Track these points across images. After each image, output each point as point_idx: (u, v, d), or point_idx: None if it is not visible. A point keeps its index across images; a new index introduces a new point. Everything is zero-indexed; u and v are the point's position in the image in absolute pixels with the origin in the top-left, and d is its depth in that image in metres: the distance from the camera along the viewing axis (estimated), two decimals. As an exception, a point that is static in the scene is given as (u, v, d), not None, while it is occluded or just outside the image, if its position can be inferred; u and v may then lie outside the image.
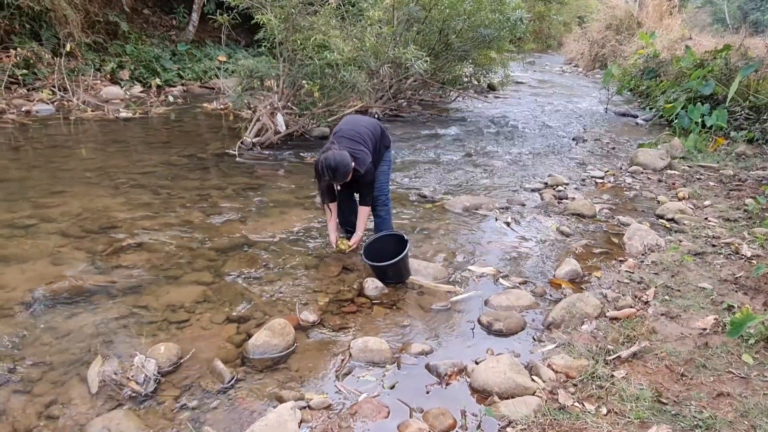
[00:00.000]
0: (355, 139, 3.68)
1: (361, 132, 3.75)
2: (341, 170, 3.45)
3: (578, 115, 11.36)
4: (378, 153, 3.88)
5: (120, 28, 12.01)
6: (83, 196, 4.92)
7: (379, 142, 3.87)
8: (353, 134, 3.72)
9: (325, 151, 3.53)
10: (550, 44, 33.27)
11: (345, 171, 3.47)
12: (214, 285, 3.44)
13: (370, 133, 3.80)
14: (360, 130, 3.76)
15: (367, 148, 3.69)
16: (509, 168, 6.74)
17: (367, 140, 3.73)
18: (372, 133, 3.82)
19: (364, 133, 3.76)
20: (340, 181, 3.53)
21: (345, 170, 3.47)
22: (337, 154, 3.46)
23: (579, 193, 5.75)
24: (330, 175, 3.44)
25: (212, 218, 4.55)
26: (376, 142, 3.83)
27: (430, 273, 3.60)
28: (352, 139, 3.67)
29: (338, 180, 3.51)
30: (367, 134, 3.76)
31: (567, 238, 4.42)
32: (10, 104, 8.46)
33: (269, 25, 6.61)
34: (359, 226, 3.88)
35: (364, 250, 3.53)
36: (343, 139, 3.70)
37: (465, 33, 9.60)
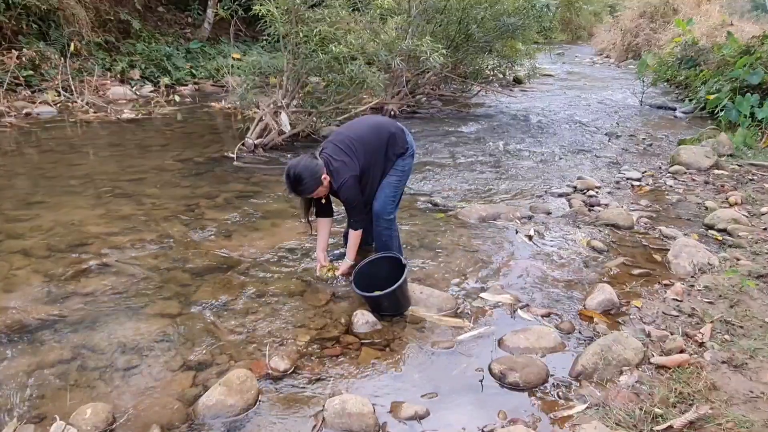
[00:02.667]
0: (341, 147, 3.11)
1: (357, 138, 3.16)
2: (305, 182, 2.94)
3: (610, 108, 10.57)
4: (384, 162, 3.25)
5: (132, 27, 11.71)
6: (60, 208, 4.49)
7: (385, 149, 3.23)
8: (343, 139, 3.15)
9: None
10: (579, 35, 32.16)
11: (309, 183, 2.96)
12: (180, 318, 2.93)
13: (371, 141, 3.19)
14: (355, 137, 3.17)
15: (354, 158, 3.08)
16: (534, 169, 6.09)
17: (358, 149, 3.11)
18: (375, 139, 3.21)
19: (360, 139, 3.16)
20: (304, 194, 3.04)
21: (309, 182, 2.95)
22: (303, 162, 2.95)
23: (613, 198, 5.08)
24: (290, 188, 2.97)
25: (195, 233, 4.05)
26: (378, 150, 3.20)
27: (435, 303, 3.02)
28: (337, 146, 3.12)
29: (301, 194, 3.02)
30: (362, 141, 3.15)
31: (600, 255, 3.78)
32: (11, 107, 8.15)
33: (270, 17, 6.10)
34: (348, 252, 3.32)
35: (354, 277, 2.97)
36: (329, 145, 3.16)
37: (487, 22, 8.93)
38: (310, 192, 3.00)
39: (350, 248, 3.30)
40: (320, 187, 3.00)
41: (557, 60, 19.42)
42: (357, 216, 3.22)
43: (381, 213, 3.30)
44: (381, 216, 3.31)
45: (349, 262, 3.28)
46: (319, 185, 2.98)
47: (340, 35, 6.29)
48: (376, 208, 3.28)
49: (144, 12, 12.76)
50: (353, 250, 3.30)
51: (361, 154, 3.13)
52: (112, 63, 10.79)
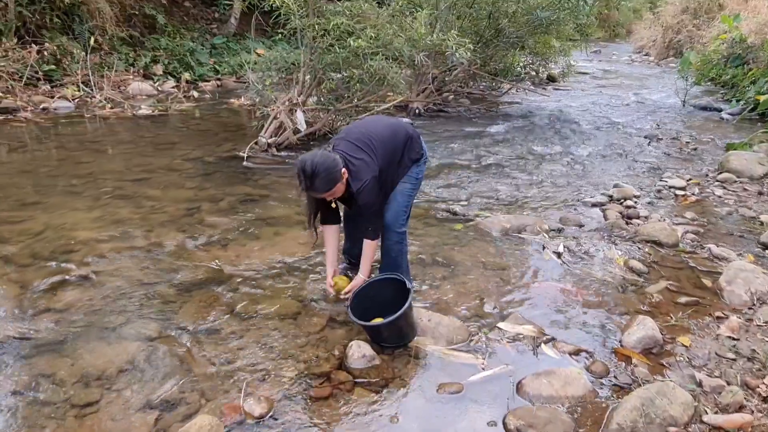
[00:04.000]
0: (358, 144, 2.70)
1: (375, 136, 2.76)
2: (322, 176, 2.49)
3: (650, 109, 9.94)
4: (397, 167, 2.85)
5: (157, 22, 11.57)
6: (55, 210, 4.24)
7: (402, 152, 2.85)
8: (359, 137, 2.74)
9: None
10: (617, 32, 31.17)
11: (327, 179, 2.51)
12: (156, 342, 2.60)
13: (388, 140, 2.80)
14: (374, 134, 2.77)
15: (373, 157, 2.67)
16: (565, 175, 5.60)
17: (377, 148, 2.71)
18: (393, 140, 2.82)
19: (379, 138, 2.77)
20: (320, 192, 2.56)
21: (327, 178, 2.51)
22: (319, 156, 2.52)
23: (653, 209, 4.57)
24: (306, 183, 2.50)
25: (190, 241, 3.73)
26: (395, 152, 2.82)
27: (444, 333, 2.61)
28: (353, 143, 2.70)
29: (317, 191, 2.55)
30: (381, 140, 2.76)
31: (639, 277, 3.31)
32: (29, 101, 8.04)
33: (285, 9, 5.76)
34: (363, 266, 2.84)
35: (351, 302, 2.59)
36: (342, 142, 2.74)
37: (519, 17, 8.43)
38: (327, 189, 2.55)
39: (365, 261, 2.83)
40: (338, 185, 2.57)
41: (593, 58, 18.68)
42: (375, 222, 2.80)
43: (393, 225, 2.90)
44: (392, 228, 2.91)
45: (362, 278, 2.82)
46: (338, 182, 2.55)
47: (359, 29, 5.92)
48: (388, 220, 2.88)
49: (170, 7, 12.63)
50: (368, 264, 2.84)
51: (380, 155, 2.72)
52: (136, 58, 10.66)
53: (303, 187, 2.53)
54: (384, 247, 2.99)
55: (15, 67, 8.39)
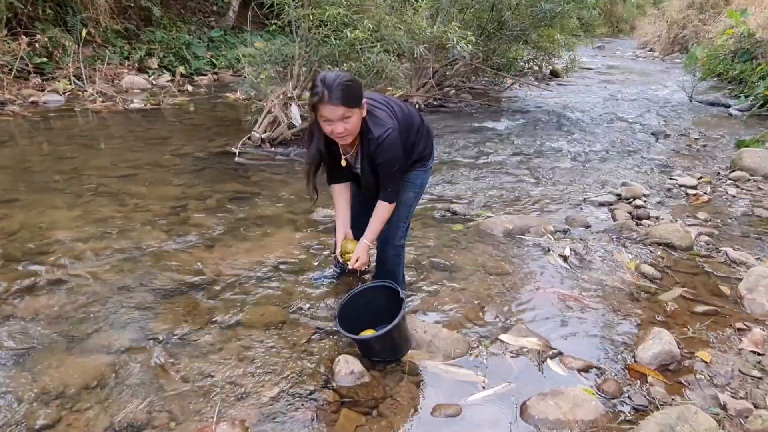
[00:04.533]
0: (378, 101, 2.40)
1: (393, 103, 2.47)
2: (345, 84, 2.10)
3: (656, 104, 9.69)
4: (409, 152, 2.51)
5: (153, 14, 11.33)
6: (34, 207, 4.02)
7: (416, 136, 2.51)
8: (377, 97, 2.44)
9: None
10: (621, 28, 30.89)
11: (350, 90, 2.11)
12: (127, 354, 2.38)
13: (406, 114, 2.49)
14: (392, 101, 2.48)
15: (394, 118, 2.35)
16: (571, 172, 5.37)
17: (397, 113, 2.41)
18: (408, 116, 2.49)
19: (398, 106, 2.47)
20: (339, 102, 2.08)
21: (350, 89, 2.12)
22: (340, 72, 2.18)
23: (664, 209, 4.34)
24: (324, 90, 2.08)
25: (173, 241, 3.51)
26: (409, 130, 2.48)
27: (441, 346, 2.39)
28: (371, 98, 2.38)
29: (335, 99, 2.08)
30: (400, 109, 2.47)
31: (652, 284, 3.08)
32: (18, 95, 7.81)
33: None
34: (370, 229, 2.47)
35: (339, 311, 2.36)
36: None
37: (522, 9, 8.18)
38: (347, 102, 2.10)
39: (375, 224, 2.45)
40: (357, 112, 2.15)
41: (597, 53, 18.42)
42: (397, 183, 2.43)
43: (391, 238, 2.63)
44: (391, 242, 2.64)
45: (366, 243, 2.47)
46: (359, 105, 2.16)
47: (356, 19, 5.69)
48: (385, 232, 2.56)
49: (167, -1, 12.39)
50: (378, 229, 2.47)
51: (399, 121, 2.38)
52: (131, 51, 10.43)
53: (317, 97, 2.09)
54: (380, 257, 2.75)
55: (4, 60, 8.16)
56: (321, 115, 2.15)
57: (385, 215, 2.46)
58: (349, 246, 2.51)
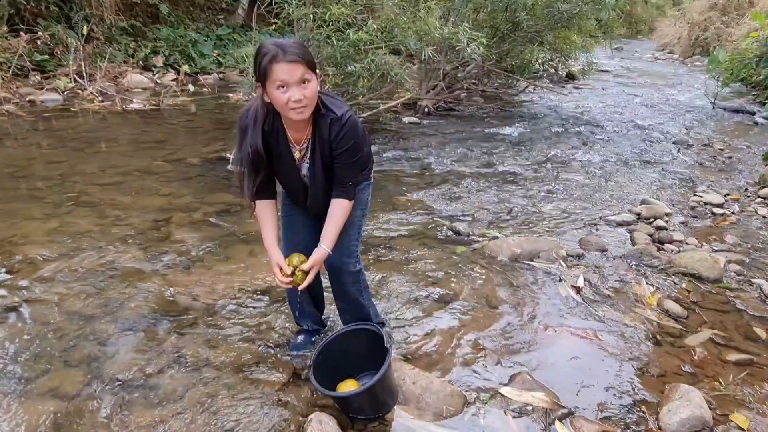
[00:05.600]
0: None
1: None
2: (299, 43, 1.83)
3: (677, 110, 9.27)
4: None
5: (160, 11, 11.11)
6: (9, 218, 3.77)
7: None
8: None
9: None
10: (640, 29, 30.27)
11: (305, 47, 1.83)
12: (74, 402, 2.09)
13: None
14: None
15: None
16: (586, 186, 5.01)
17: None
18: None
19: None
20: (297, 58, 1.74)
21: (305, 47, 1.84)
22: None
23: (688, 231, 3.98)
24: (277, 50, 1.73)
25: (149, 261, 3.23)
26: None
27: (432, 402, 2.07)
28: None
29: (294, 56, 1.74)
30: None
31: (676, 324, 2.73)
32: (16, 93, 7.60)
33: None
34: (328, 233, 2.04)
35: (313, 360, 2.05)
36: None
37: (538, 9, 7.80)
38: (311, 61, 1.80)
39: (333, 227, 2.03)
40: (314, 78, 1.80)
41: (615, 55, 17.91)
42: (356, 177, 2.06)
43: (345, 265, 2.20)
44: (345, 269, 2.21)
45: (325, 250, 2.04)
46: (315, 68, 1.82)
47: (361, 20, 5.39)
48: (337, 261, 2.16)
49: (175, -4, 12.17)
50: (336, 231, 2.04)
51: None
52: (136, 49, 10.21)
53: (270, 56, 1.73)
54: (337, 291, 2.31)
55: (3, 57, 7.95)
56: (274, 80, 1.75)
57: (344, 215, 2.05)
58: (296, 260, 2.04)
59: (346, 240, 2.15)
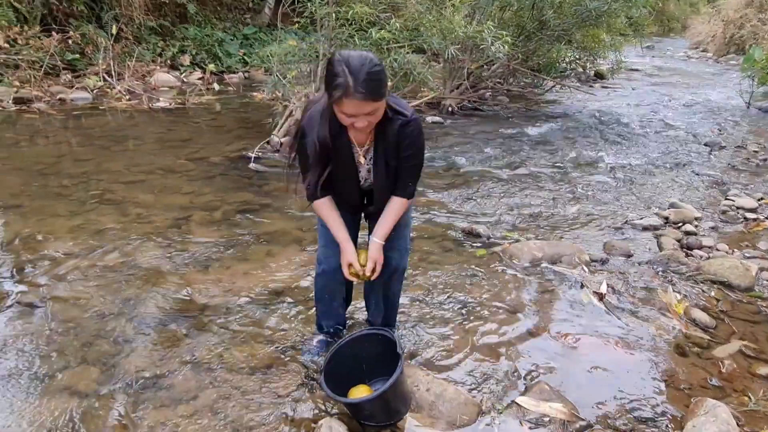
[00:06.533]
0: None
1: None
2: (374, 70, 1.68)
3: (709, 111, 9.00)
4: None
5: (188, 11, 11.26)
6: (35, 215, 3.84)
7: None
8: None
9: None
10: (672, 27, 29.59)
11: (380, 79, 1.70)
12: (89, 400, 2.11)
13: None
14: None
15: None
16: (612, 188, 4.89)
17: None
18: None
19: None
20: (370, 97, 1.67)
21: (380, 77, 1.70)
22: (362, 51, 1.78)
23: (719, 236, 3.84)
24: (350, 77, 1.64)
25: (168, 259, 3.25)
26: None
27: (446, 410, 2.02)
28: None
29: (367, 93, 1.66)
30: None
31: (704, 334, 2.63)
32: (47, 92, 7.77)
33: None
34: (383, 226, 2.04)
35: (325, 365, 2.02)
36: None
37: (565, 7, 7.66)
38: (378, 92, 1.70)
39: (389, 221, 2.04)
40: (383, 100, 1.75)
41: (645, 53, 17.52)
42: (417, 179, 2.06)
43: (400, 264, 2.24)
44: (399, 268, 2.25)
45: (378, 243, 2.06)
46: (385, 94, 1.75)
47: (384, 18, 5.35)
48: (395, 261, 2.18)
49: (203, -4, 12.32)
50: (391, 226, 2.06)
51: None
52: (164, 48, 10.37)
53: (341, 90, 1.65)
54: (382, 287, 2.32)
55: (36, 56, 8.14)
56: (341, 110, 1.72)
57: (400, 213, 2.06)
58: (363, 257, 2.07)
59: (403, 240, 2.20)
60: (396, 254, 2.18)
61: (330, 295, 2.31)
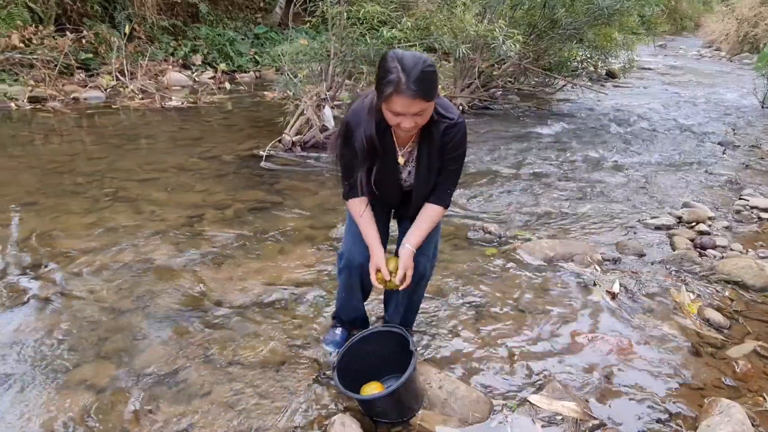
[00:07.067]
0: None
1: None
2: (427, 70, 1.66)
3: (723, 110, 8.92)
4: None
5: (200, 10, 11.33)
6: (49, 212, 3.89)
7: None
8: None
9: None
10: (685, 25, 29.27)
11: (431, 76, 1.67)
12: (106, 394, 2.14)
13: None
14: None
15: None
16: (624, 188, 4.86)
17: None
18: None
19: None
20: (422, 96, 1.65)
21: (432, 75, 1.67)
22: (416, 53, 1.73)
23: (733, 236, 3.81)
24: (403, 74, 1.62)
25: (181, 257, 3.28)
26: None
27: (458, 408, 2.03)
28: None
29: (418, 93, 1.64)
30: None
31: (718, 334, 2.61)
32: (61, 91, 7.86)
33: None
34: (417, 232, 2.00)
35: (338, 362, 2.03)
36: None
37: (577, 5, 7.61)
38: (433, 92, 1.69)
39: (423, 228, 2.00)
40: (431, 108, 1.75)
41: (658, 52, 17.40)
42: (455, 185, 2.05)
43: (427, 270, 2.18)
44: (426, 275, 2.20)
45: (410, 249, 2.00)
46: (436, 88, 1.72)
47: (395, 17, 5.35)
48: (422, 267, 2.11)
49: (214, -5, 12.40)
50: (425, 234, 2.02)
51: None
52: (176, 47, 10.44)
53: (393, 86, 1.63)
54: (411, 299, 2.27)
55: (51, 56, 8.23)
56: (389, 107, 1.70)
57: (435, 222, 2.02)
58: (392, 264, 1.99)
59: (433, 246, 2.15)
60: (424, 259, 2.11)
61: (348, 292, 2.25)
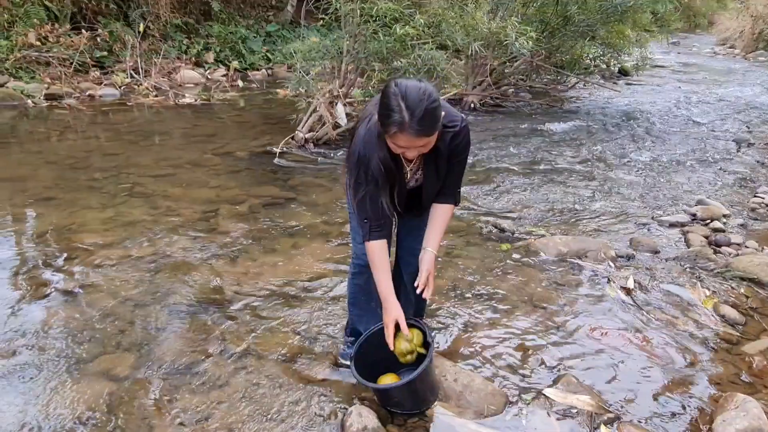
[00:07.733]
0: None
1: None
2: (431, 107, 1.60)
3: (738, 108, 8.84)
4: None
5: (212, 8, 11.40)
6: (67, 207, 3.95)
7: None
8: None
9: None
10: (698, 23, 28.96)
11: (435, 112, 1.62)
12: (126, 384, 2.17)
13: None
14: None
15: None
16: (638, 185, 4.84)
17: None
18: None
19: None
20: (426, 134, 1.63)
21: (435, 111, 1.63)
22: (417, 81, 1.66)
23: (747, 233, 3.79)
24: (407, 114, 1.58)
25: (197, 251, 3.32)
26: None
27: (473, 400, 2.04)
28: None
29: (419, 127, 1.60)
30: None
31: (733, 330, 2.61)
32: (77, 88, 7.95)
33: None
34: (435, 235, 2.00)
35: (355, 352, 2.06)
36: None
37: (590, 2, 7.58)
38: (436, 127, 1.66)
39: (439, 230, 2.01)
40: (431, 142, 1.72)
41: (671, 50, 17.25)
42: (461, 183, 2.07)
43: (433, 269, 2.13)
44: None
45: (433, 254, 1.99)
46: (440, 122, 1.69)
47: (408, 14, 5.35)
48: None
49: (227, -7, 12.45)
50: (441, 235, 2.03)
51: None
52: (189, 45, 10.52)
53: (396, 126, 1.60)
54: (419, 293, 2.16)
55: (66, 54, 8.33)
56: (395, 142, 1.68)
57: (449, 219, 2.05)
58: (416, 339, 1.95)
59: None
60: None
61: (367, 296, 2.20)
